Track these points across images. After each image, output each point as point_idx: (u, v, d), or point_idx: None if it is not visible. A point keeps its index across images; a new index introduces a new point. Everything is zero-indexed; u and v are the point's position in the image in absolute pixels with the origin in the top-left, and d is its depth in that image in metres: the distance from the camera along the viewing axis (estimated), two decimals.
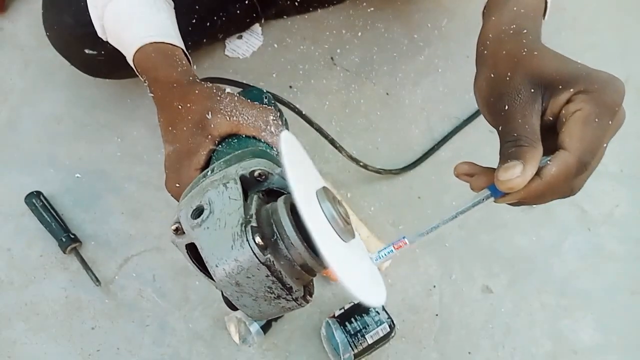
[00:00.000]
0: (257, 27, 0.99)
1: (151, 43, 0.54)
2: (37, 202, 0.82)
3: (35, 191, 0.83)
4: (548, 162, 0.35)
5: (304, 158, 0.38)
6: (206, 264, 0.35)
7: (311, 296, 0.39)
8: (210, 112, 0.47)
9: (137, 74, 0.57)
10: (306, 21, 1.00)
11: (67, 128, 0.91)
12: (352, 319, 0.73)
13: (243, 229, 0.34)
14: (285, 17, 1.00)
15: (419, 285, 0.82)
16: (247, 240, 0.34)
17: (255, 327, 0.74)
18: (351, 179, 0.88)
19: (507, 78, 0.39)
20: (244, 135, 0.48)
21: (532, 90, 0.38)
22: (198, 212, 0.37)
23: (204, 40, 0.90)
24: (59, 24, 0.76)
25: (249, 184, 0.39)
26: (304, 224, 0.30)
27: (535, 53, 0.40)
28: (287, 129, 0.60)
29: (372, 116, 0.93)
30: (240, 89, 0.66)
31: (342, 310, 0.75)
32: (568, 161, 0.34)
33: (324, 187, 0.35)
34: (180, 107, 0.49)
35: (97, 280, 0.78)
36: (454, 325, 0.80)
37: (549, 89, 0.37)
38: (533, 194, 0.35)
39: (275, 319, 0.76)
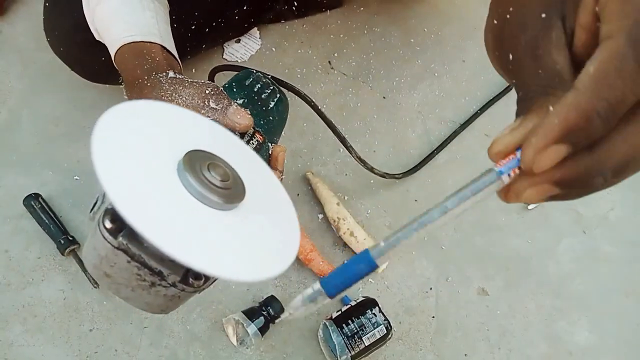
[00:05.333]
0: (255, 31, 1.00)
1: (128, 44, 0.54)
2: (36, 204, 0.82)
3: (34, 193, 0.83)
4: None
5: (165, 126, 0.34)
6: None
7: (199, 279, 0.33)
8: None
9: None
10: (304, 25, 1.01)
11: (65, 130, 0.91)
12: (349, 321, 0.74)
13: (100, 215, 0.31)
14: (283, 21, 1.01)
15: (415, 287, 0.83)
16: (98, 225, 0.31)
17: (252, 329, 0.74)
18: (348, 182, 0.89)
19: (508, 16, 0.27)
20: None
21: (543, 16, 0.25)
22: (93, 205, 0.35)
23: (203, 46, 0.90)
24: (60, 29, 0.77)
25: None
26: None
27: None
28: (282, 107, 0.59)
29: (369, 119, 0.94)
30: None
31: (340, 312, 0.75)
32: (613, 47, 0.21)
33: (187, 154, 0.32)
34: None
35: (95, 282, 0.78)
36: (450, 327, 0.81)
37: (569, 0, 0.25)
38: (581, 128, 0.21)
39: (273, 321, 0.76)
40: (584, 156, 0.22)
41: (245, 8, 0.90)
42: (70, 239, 0.80)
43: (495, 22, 0.29)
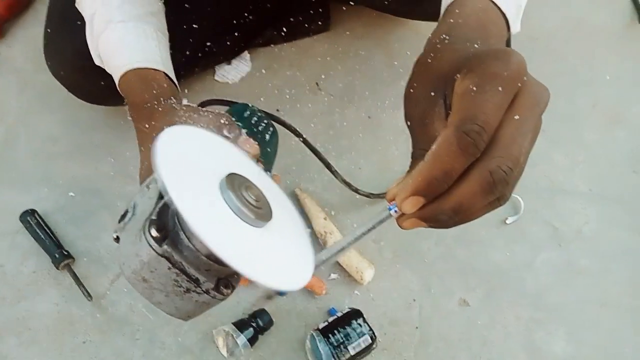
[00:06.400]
0: (245, 54, 1.04)
1: (133, 69, 0.57)
2: (32, 220, 0.84)
3: (30, 209, 0.86)
4: None
5: (206, 148, 0.38)
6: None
7: (228, 288, 0.37)
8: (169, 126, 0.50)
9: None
10: (292, 49, 1.05)
11: (61, 148, 0.94)
12: (336, 331, 0.76)
13: (145, 224, 0.34)
14: (272, 45, 1.05)
15: (399, 299, 0.86)
16: (144, 233, 0.34)
17: (242, 340, 0.77)
18: (335, 198, 0.92)
19: (412, 90, 0.36)
20: None
21: (432, 94, 0.34)
22: (122, 216, 0.38)
23: (196, 70, 0.94)
24: (61, 55, 0.79)
25: None
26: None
27: (439, 55, 0.35)
28: (275, 139, 0.64)
29: (355, 138, 0.98)
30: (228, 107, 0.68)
31: (326, 323, 0.78)
32: (446, 134, 0.29)
33: (229, 175, 0.35)
34: (147, 126, 0.52)
35: (89, 295, 0.80)
36: (433, 338, 0.84)
37: (449, 85, 0.33)
38: (426, 187, 0.30)
39: (262, 332, 0.79)
40: (432, 203, 0.31)
41: (236, 34, 0.94)
42: (65, 253, 0.83)
43: (404, 97, 0.36)
